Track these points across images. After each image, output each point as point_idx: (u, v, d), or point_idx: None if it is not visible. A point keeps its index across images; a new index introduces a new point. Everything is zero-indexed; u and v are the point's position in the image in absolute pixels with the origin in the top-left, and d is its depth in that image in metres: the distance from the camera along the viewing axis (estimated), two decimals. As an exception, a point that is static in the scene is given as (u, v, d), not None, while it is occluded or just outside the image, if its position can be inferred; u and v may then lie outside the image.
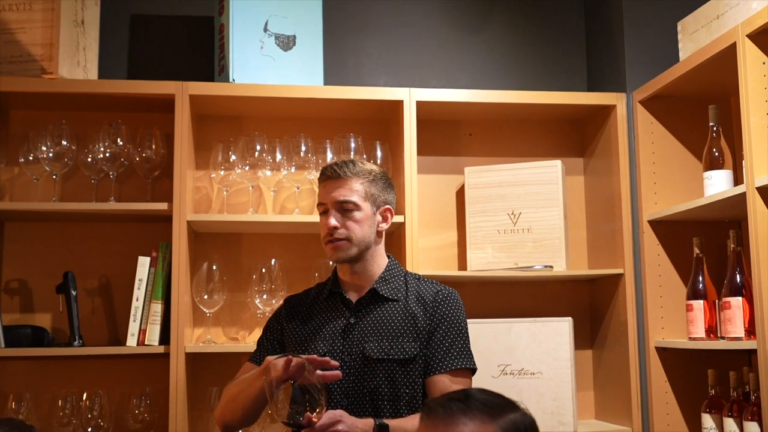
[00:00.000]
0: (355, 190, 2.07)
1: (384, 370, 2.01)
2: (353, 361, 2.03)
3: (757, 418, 2.27)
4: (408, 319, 2.06)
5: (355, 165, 2.10)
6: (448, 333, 2.06)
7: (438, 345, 2.05)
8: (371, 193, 2.09)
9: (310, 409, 1.76)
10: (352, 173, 2.08)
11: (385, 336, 2.04)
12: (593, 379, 3.01)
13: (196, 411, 2.71)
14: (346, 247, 2.06)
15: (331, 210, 2.07)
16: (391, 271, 2.14)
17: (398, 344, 2.03)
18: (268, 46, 2.79)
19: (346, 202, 2.06)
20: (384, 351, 2.02)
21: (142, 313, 2.62)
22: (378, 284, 2.10)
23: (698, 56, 2.47)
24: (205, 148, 2.85)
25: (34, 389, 2.67)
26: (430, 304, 2.09)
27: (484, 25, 3.19)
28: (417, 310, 2.08)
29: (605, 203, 2.94)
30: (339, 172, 2.08)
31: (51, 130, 2.67)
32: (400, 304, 2.09)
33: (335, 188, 2.07)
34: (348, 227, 2.06)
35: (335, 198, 2.07)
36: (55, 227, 2.81)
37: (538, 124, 3.11)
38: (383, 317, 2.07)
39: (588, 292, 3.06)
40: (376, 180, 2.11)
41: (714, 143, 2.55)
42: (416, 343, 2.04)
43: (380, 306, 2.09)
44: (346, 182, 2.07)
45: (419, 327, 2.06)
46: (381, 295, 2.10)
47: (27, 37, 2.62)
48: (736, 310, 2.38)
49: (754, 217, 2.21)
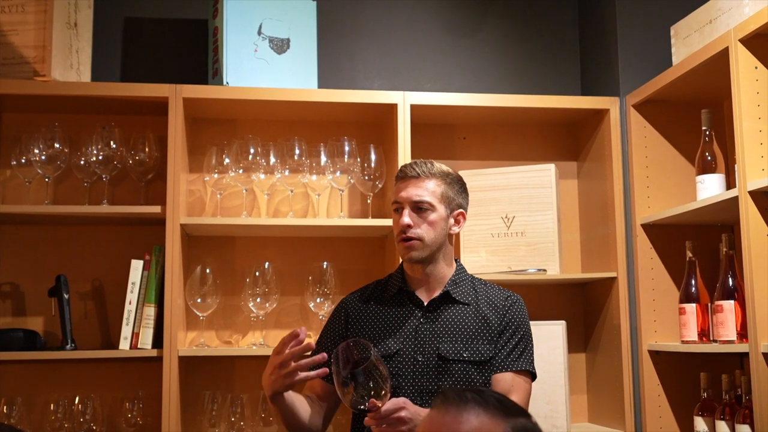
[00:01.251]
0: (431, 191, 2.09)
1: (459, 371, 2.04)
2: (427, 361, 2.05)
3: (749, 421, 2.28)
4: (481, 322, 2.10)
5: (434, 165, 2.12)
6: (515, 335, 2.11)
7: (504, 345, 2.09)
8: (447, 195, 2.11)
9: (374, 395, 1.78)
10: (431, 173, 2.10)
11: (459, 338, 2.07)
12: (586, 382, 3.02)
13: (189, 415, 2.70)
14: (419, 246, 2.07)
15: (406, 208, 2.08)
16: (461, 275, 2.17)
17: (472, 346, 2.07)
18: (262, 49, 2.79)
19: (422, 201, 2.07)
20: (458, 352, 2.06)
21: (135, 317, 2.61)
22: (450, 287, 2.13)
23: (691, 60, 2.48)
24: (199, 151, 2.85)
25: (26, 393, 2.66)
26: (502, 307, 2.13)
27: (478, 29, 3.20)
28: (489, 314, 2.11)
29: (599, 207, 2.94)
30: (418, 171, 2.09)
31: (44, 133, 2.66)
32: (472, 308, 2.12)
33: (412, 187, 2.09)
34: (422, 227, 2.07)
35: (412, 197, 2.08)
36: (48, 230, 2.80)
37: (531, 128, 3.11)
38: (456, 319, 2.10)
39: (581, 295, 3.07)
40: (453, 183, 2.13)
41: (707, 147, 2.56)
42: (491, 346, 2.08)
43: (452, 308, 2.12)
44: (423, 182, 2.09)
45: (492, 330, 2.09)
46: (453, 298, 2.12)
47: (19, 39, 2.61)
48: (728, 314, 2.39)
49: (746, 221, 2.21)
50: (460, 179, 2.16)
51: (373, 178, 2.80)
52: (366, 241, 2.93)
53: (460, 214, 2.14)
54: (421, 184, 2.08)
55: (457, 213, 2.13)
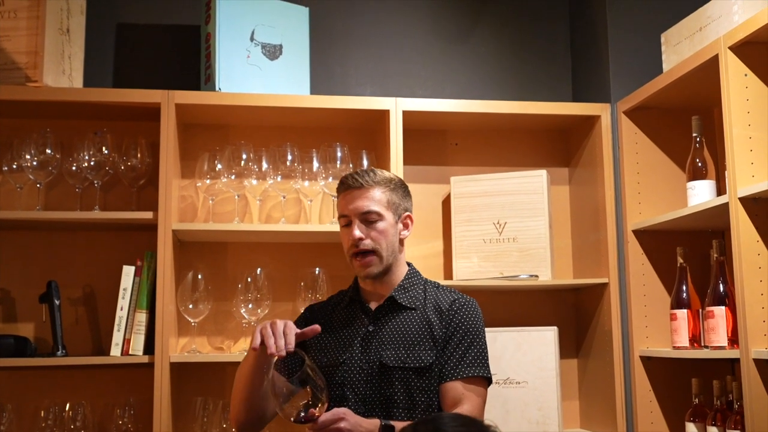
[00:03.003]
0: (377, 200, 2.05)
1: (400, 378, 2.01)
2: (370, 369, 2.03)
3: (740, 427, 2.28)
4: (425, 328, 2.06)
5: (376, 174, 2.09)
6: (463, 340, 2.05)
7: (453, 352, 2.04)
8: (393, 202, 2.08)
9: (311, 405, 1.77)
10: (374, 182, 2.07)
11: (402, 344, 2.04)
12: (578, 388, 3.02)
13: (180, 421, 2.70)
14: (375, 262, 2.05)
15: (354, 221, 2.05)
16: (411, 279, 2.14)
17: (414, 352, 2.03)
18: (254, 56, 2.79)
19: (369, 212, 2.04)
20: (401, 359, 2.02)
21: (127, 323, 2.60)
22: (396, 292, 2.10)
23: (681, 68, 2.50)
24: (191, 157, 2.85)
25: (17, 400, 2.65)
26: (446, 312, 2.08)
27: (470, 36, 3.21)
28: (434, 319, 2.07)
29: (590, 213, 2.95)
30: (361, 181, 2.06)
31: (35, 139, 2.66)
32: (418, 313, 2.09)
33: (358, 198, 2.05)
34: (373, 238, 2.04)
35: (359, 209, 2.04)
36: (39, 236, 2.79)
37: (523, 134, 3.12)
38: (401, 325, 2.07)
39: (573, 301, 3.07)
40: (397, 188, 2.11)
41: (697, 154, 2.57)
42: (432, 352, 2.03)
43: (399, 314, 2.09)
44: (368, 192, 2.05)
45: (435, 335, 2.05)
46: (399, 304, 2.09)
47: (11, 44, 2.60)
48: (719, 320, 2.40)
49: (736, 227, 2.22)
50: (402, 183, 2.15)
51: (366, 184, 2.80)
52: (358, 247, 2.93)
53: (407, 218, 2.13)
54: (366, 194, 2.05)
55: (404, 217, 2.12)
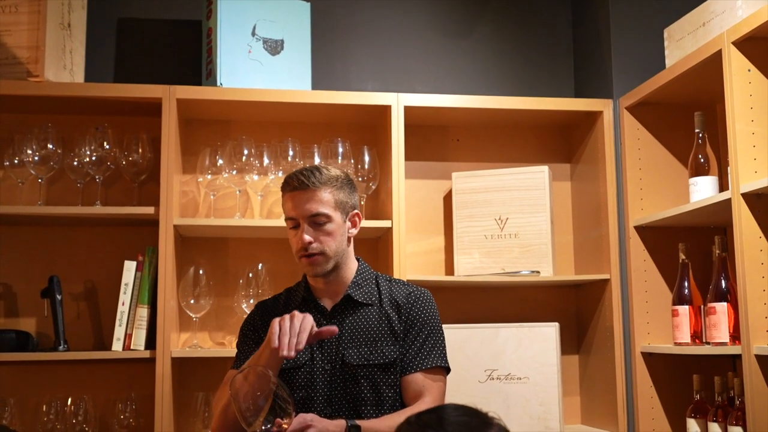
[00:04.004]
0: (325, 201, 1.99)
1: (366, 376, 1.99)
2: (333, 369, 2.01)
3: (742, 423, 2.28)
4: (384, 323, 2.05)
5: (321, 173, 2.01)
6: (421, 332, 2.05)
7: (411, 344, 2.03)
8: (340, 201, 2.03)
9: (277, 417, 1.74)
10: (320, 183, 2.00)
11: (363, 342, 2.02)
12: (579, 384, 3.02)
13: (182, 416, 2.70)
14: (322, 261, 2.01)
15: (302, 224, 2.00)
16: (363, 275, 2.11)
17: (377, 349, 2.02)
18: (256, 51, 2.79)
19: (318, 215, 1.99)
20: (364, 357, 2.01)
21: (128, 318, 2.60)
22: (352, 290, 2.07)
23: (684, 63, 2.49)
24: (192, 152, 2.85)
25: (19, 394, 2.66)
26: (404, 306, 2.07)
27: (471, 31, 3.20)
28: (391, 313, 2.06)
29: (592, 209, 2.95)
30: (307, 182, 1.99)
31: (37, 134, 2.65)
32: (375, 308, 2.07)
33: (305, 201, 1.99)
34: (322, 241, 1.99)
35: (307, 212, 1.99)
36: (41, 231, 2.79)
37: (525, 130, 3.12)
38: (360, 323, 2.05)
39: (574, 297, 3.07)
40: (343, 186, 2.04)
41: (700, 150, 2.57)
42: (395, 347, 2.03)
43: (355, 311, 2.06)
44: (315, 193, 1.99)
45: (395, 330, 2.04)
46: (356, 301, 2.07)
47: (13, 39, 2.60)
48: (721, 316, 2.39)
49: (739, 223, 2.22)
50: (348, 179, 2.07)
51: (367, 179, 2.80)
52: (359, 242, 2.92)
53: (355, 216, 2.08)
54: (313, 196, 1.98)
55: (352, 215, 2.07)
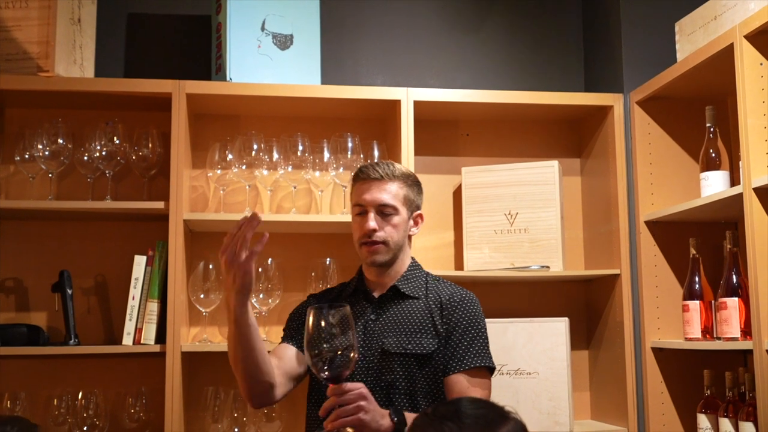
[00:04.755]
0: (394, 194, 2.08)
1: (401, 364, 2.03)
2: (372, 356, 2.06)
3: (753, 419, 2.27)
4: (427, 317, 2.10)
5: (395, 167, 2.11)
6: (465, 334, 2.09)
7: (455, 346, 2.08)
8: (409, 198, 2.11)
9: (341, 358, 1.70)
10: (393, 176, 2.09)
11: (403, 331, 2.08)
12: (589, 379, 3.01)
13: (192, 410, 2.71)
14: (383, 251, 2.08)
15: (370, 212, 2.07)
16: (413, 271, 2.18)
17: (416, 339, 2.06)
18: (265, 45, 2.78)
19: (386, 205, 2.07)
20: (402, 345, 2.06)
21: (138, 312, 2.61)
22: (400, 282, 2.14)
23: (695, 57, 2.48)
24: (202, 147, 2.85)
25: (30, 388, 2.67)
26: (447, 306, 2.12)
27: (481, 25, 3.19)
28: (435, 311, 2.11)
29: (602, 204, 2.94)
30: (381, 173, 2.08)
31: (47, 129, 2.66)
32: (420, 302, 2.13)
33: (376, 190, 2.07)
34: (386, 231, 2.07)
35: (377, 200, 2.07)
36: (51, 226, 2.80)
37: (535, 125, 3.11)
38: (403, 313, 2.11)
39: (584, 292, 3.06)
40: (413, 184, 2.14)
41: (711, 144, 2.55)
42: (434, 340, 2.07)
43: (401, 303, 2.13)
44: (387, 184, 2.08)
45: (437, 326, 2.09)
46: (402, 293, 2.13)
47: (23, 34, 2.61)
48: (732, 311, 2.38)
49: (750, 217, 2.21)
50: (418, 180, 2.18)
51: (377, 174, 2.79)
52: (369, 237, 2.93)
53: (418, 216, 2.17)
54: (384, 186, 2.08)
55: (416, 215, 2.16)
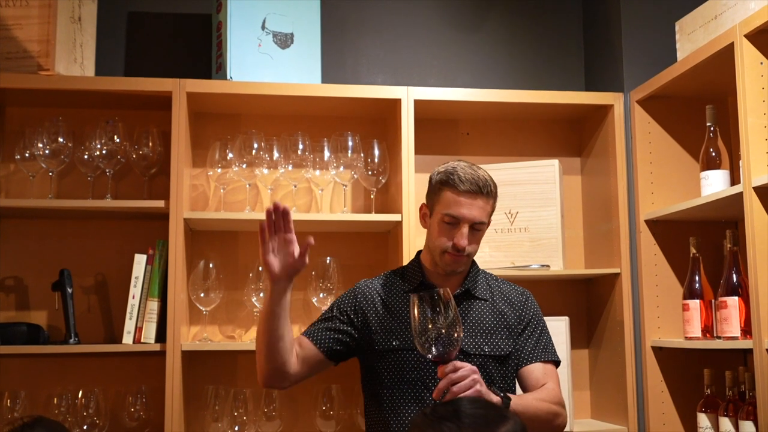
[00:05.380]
0: (489, 211, 2.10)
1: (480, 365, 2.04)
2: None
3: (753, 418, 2.27)
4: (498, 318, 2.15)
5: (490, 182, 2.08)
6: (536, 329, 2.19)
7: (528, 340, 2.16)
8: (493, 211, 2.14)
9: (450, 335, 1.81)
10: (493, 194, 2.09)
11: (478, 332, 2.12)
12: (589, 378, 3.01)
13: (192, 409, 2.71)
14: (465, 262, 2.12)
15: (464, 227, 2.05)
16: (475, 271, 2.21)
17: (492, 341, 2.12)
18: (265, 44, 2.78)
19: (482, 223, 2.08)
20: (479, 347, 2.10)
21: (139, 311, 2.61)
22: (469, 284, 2.17)
23: (696, 56, 2.48)
24: (203, 146, 2.85)
25: (30, 387, 2.67)
26: (518, 303, 2.19)
27: (482, 24, 3.20)
28: (506, 309, 2.17)
29: (602, 203, 2.94)
30: (484, 191, 2.05)
31: (47, 127, 2.66)
32: (489, 303, 2.17)
33: (477, 207, 2.06)
34: (473, 245, 2.09)
35: (476, 218, 2.06)
36: (51, 224, 2.80)
37: (535, 124, 3.11)
38: (476, 315, 2.15)
39: (585, 291, 3.06)
40: (497, 197, 2.14)
41: (711, 143, 2.55)
42: (509, 341, 2.14)
43: (471, 304, 2.16)
44: (487, 202, 2.08)
45: (510, 325, 2.15)
46: (473, 294, 2.16)
47: (23, 33, 2.61)
48: (732, 310, 2.38)
49: (750, 217, 2.21)
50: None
51: (377, 173, 2.79)
52: (369, 236, 2.93)
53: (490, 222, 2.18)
54: (485, 204, 2.06)
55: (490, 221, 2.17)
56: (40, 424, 1.67)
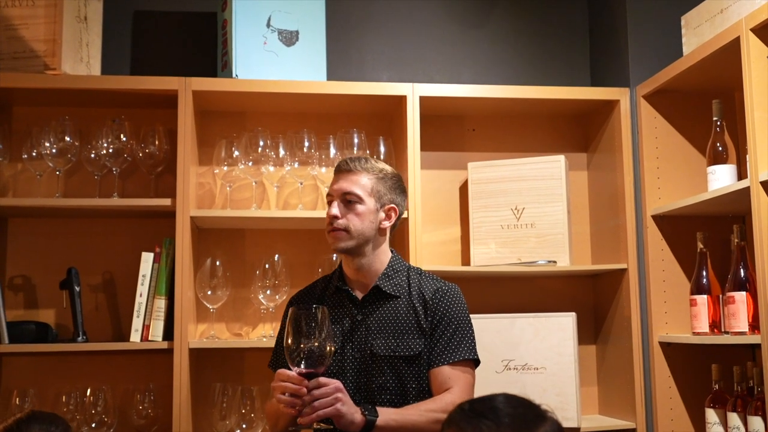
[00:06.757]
0: (361, 185, 2.13)
1: (390, 367, 2.07)
2: (362, 358, 2.09)
3: (761, 413, 2.27)
4: (411, 316, 2.12)
5: (367, 161, 2.17)
6: (448, 327, 2.11)
7: (439, 339, 2.10)
8: (377, 190, 2.14)
9: (319, 349, 1.86)
10: (362, 168, 2.15)
11: (390, 333, 2.10)
12: (597, 374, 3.01)
13: (199, 407, 2.71)
14: (344, 237, 2.12)
15: (336, 200, 2.14)
16: (393, 267, 2.19)
17: (404, 341, 2.09)
18: (271, 42, 2.79)
19: (349, 193, 2.12)
20: (390, 348, 2.08)
21: (146, 309, 2.62)
22: (381, 281, 2.15)
23: (702, 51, 2.47)
24: (209, 144, 2.86)
25: (38, 385, 2.68)
26: (430, 301, 2.14)
27: (487, 20, 3.19)
28: (418, 307, 2.13)
29: (609, 198, 2.93)
30: (350, 165, 2.15)
31: (54, 126, 2.67)
32: (403, 301, 2.14)
33: (343, 180, 2.14)
34: (348, 219, 2.11)
35: (341, 189, 2.13)
36: (59, 223, 2.81)
37: (541, 119, 3.10)
38: (388, 314, 2.12)
39: (591, 287, 3.06)
40: (386, 179, 2.17)
41: (718, 138, 2.54)
42: (421, 340, 2.10)
43: (384, 303, 2.14)
44: (354, 175, 2.14)
45: (421, 324, 2.11)
46: (384, 292, 2.14)
47: (30, 33, 2.62)
48: (739, 305, 2.38)
49: (758, 211, 2.20)
50: (396, 177, 2.20)
51: (383, 170, 2.79)
52: (375, 233, 2.93)
53: (391, 210, 2.17)
54: (352, 177, 2.14)
55: (387, 208, 2.17)
56: (34, 419, 1.67)
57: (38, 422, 1.67)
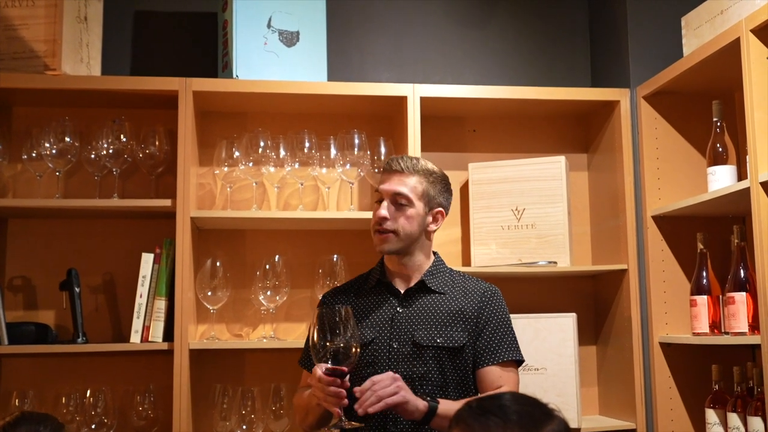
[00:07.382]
0: (411, 187, 2.13)
1: (433, 357, 2.08)
2: (402, 347, 2.10)
3: (761, 413, 2.27)
4: (456, 311, 2.14)
5: (419, 162, 2.16)
6: (498, 328, 2.15)
7: (488, 339, 2.14)
8: (427, 193, 2.15)
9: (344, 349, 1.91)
10: (414, 170, 2.14)
11: (433, 325, 2.12)
12: (597, 374, 3.01)
13: (200, 408, 2.71)
14: (392, 240, 2.12)
15: (386, 201, 2.12)
16: (438, 267, 2.22)
17: (446, 333, 2.11)
18: (271, 42, 2.79)
19: (400, 195, 2.11)
20: (432, 338, 2.10)
21: (146, 310, 2.62)
22: (426, 277, 2.18)
23: (702, 51, 2.47)
24: (209, 145, 2.85)
25: (38, 386, 2.68)
26: (479, 301, 2.17)
27: (488, 21, 3.19)
28: (465, 304, 2.15)
29: (609, 199, 2.94)
30: (402, 165, 2.14)
31: (54, 127, 2.67)
32: (447, 297, 2.17)
33: (395, 181, 2.13)
34: (397, 221, 2.11)
35: (392, 190, 2.12)
36: (59, 224, 2.81)
37: (542, 120, 3.10)
38: (431, 307, 2.15)
39: (592, 287, 3.06)
40: (435, 182, 2.17)
41: (718, 138, 2.55)
42: (464, 334, 2.12)
43: (427, 297, 2.17)
44: (406, 177, 2.13)
45: (467, 319, 2.13)
46: (428, 287, 2.17)
47: (30, 33, 2.61)
48: (739, 305, 2.38)
49: (758, 212, 2.20)
50: (444, 179, 2.20)
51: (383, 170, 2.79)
52: (376, 234, 2.93)
53: (438, 213, 2.18)
54: (403, 179, 2.13)
55: (435, 212, 2.17)
56: (23, 420, 1.67)
57: (26, 423, 1.66)
